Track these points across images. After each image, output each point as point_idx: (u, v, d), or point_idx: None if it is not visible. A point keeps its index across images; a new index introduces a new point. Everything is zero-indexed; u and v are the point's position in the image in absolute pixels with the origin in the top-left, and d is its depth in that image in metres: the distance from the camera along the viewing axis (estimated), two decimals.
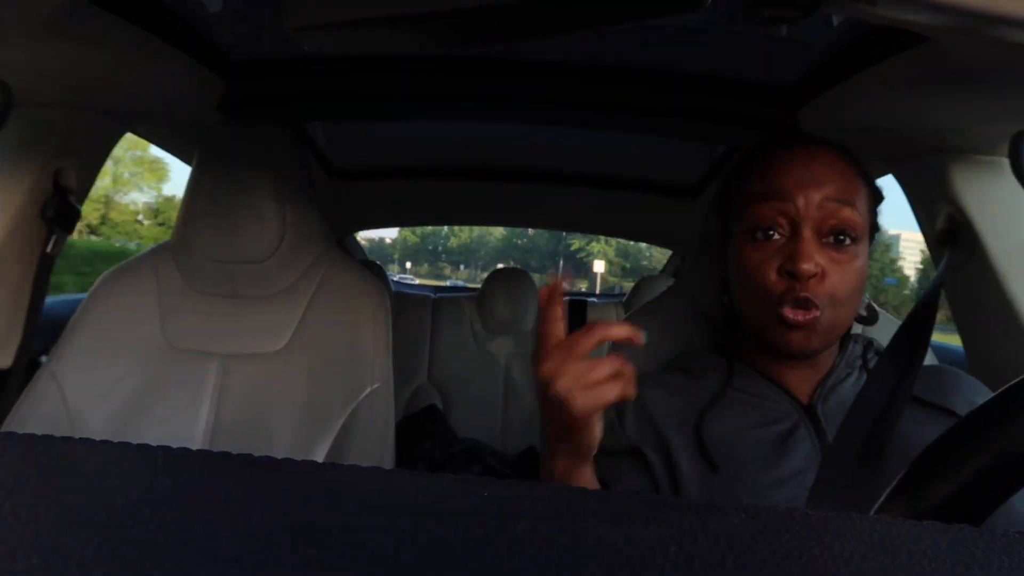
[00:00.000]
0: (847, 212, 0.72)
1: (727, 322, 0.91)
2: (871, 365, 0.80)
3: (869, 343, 0.83)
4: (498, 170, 2.09)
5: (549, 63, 1.24)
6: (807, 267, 0.69)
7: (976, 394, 0.77)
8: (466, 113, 1.37)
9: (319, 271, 1.17)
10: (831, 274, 0.71)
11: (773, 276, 0.73)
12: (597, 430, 0.59)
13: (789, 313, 0.71)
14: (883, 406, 0.70)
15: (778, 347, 0.74)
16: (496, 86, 1.25)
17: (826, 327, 0.72)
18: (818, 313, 0.71)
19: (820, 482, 0.66)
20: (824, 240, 0.73)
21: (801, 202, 0.72)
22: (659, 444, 0.77)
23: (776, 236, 0.74)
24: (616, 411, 0.82)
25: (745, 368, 0.82)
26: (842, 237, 0.72)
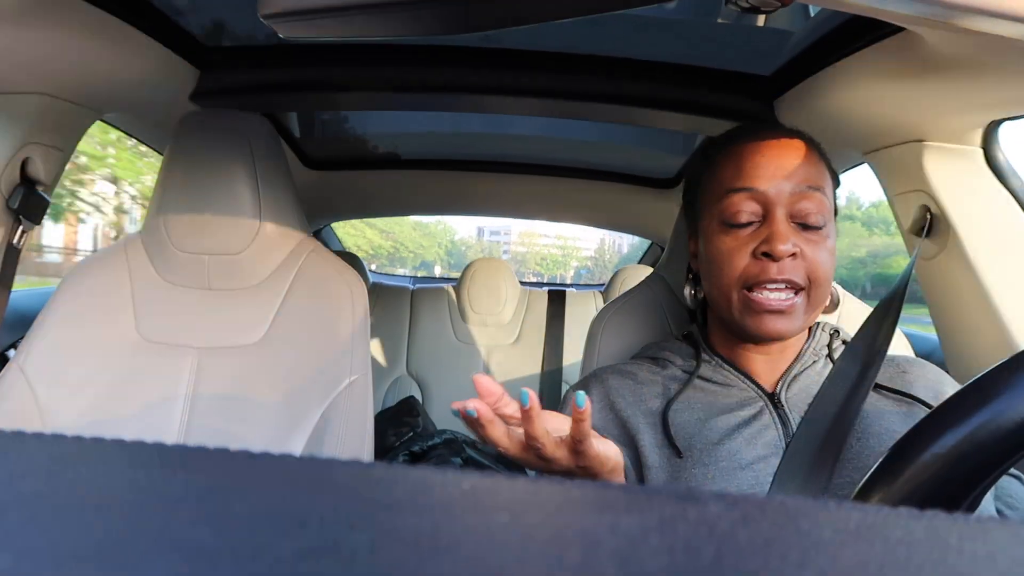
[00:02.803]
0: (817, 197, 0.74)
1: (694, 312, 0.92)
2: (836, 355, 0.81)
3: (835, 332, 0.84)
4: (475, 160, 2.08)
5: (526, 53, 1.24)
6: (784, 248, 0.70)
7: (941, 384, 0.78)
8: (443, 103, 1.37)
9: (296, 262, 1.16)
10: (807, 254, 0.72)
11: (747, 260, 0.73)
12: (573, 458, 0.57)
13: (766, 303, 0.71)
14: (847, 396, 0.72)
15: (756, 333, 0.74)
16: (472, 76, 1.25)
17: (804, 309, 0.73)
18: (796, 300, 0.72)
19: (783, 469, 0.67)
20: (795, 223, 0.74)
21: (772, 191, 0.73)
22: (624, 434, 0.78)
23: (749, 223, 0.74)
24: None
25: (712, 356, 0.83)
26: (813, 220, 0.74)
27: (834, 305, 0.83)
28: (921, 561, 0.17)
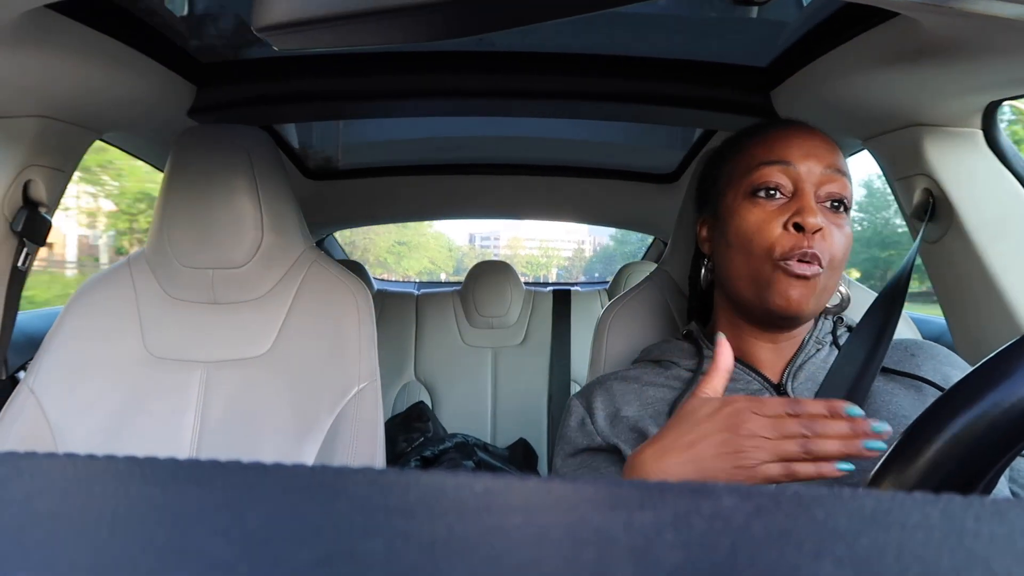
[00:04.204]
0: (843, 181, 0.75)
1: (696, 303, 0.92)
2: (842, 341, 0.80)
3: (839, 319, 0.84)
4: (476, 163, 2.09)
5: (520, 55, 1.24)
6: (815, 220, 0.71)
7: (948, 366, 0.77)
8: (441, 108, 1.37)
9: (299, 273, 1.16)
10: (830, 234, 0.73)
11: (778, 231, 0.73)
12: None
13: (796, 268, 0.71)
14: (854, 381, 0.71)
15: (776, 305, 0.73)
16: (469, 80, 1.25)
17: (821, 289, 0.73)
18: (821, 270, 0.72)
19: None
20: (821, 204, 0.74)
21: (804, 169, 0.74)
22: (635, 439, 0.77)
23: (778, 196, 0.75)
24: (587, 409, 0.82)
25: (713, 350, 0.82)
26: (836, 204, 0.75)
27: (843, 306, 0.83)
28: (938, 545, 0.17)
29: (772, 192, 0.75)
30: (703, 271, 0.87)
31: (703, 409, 0.59)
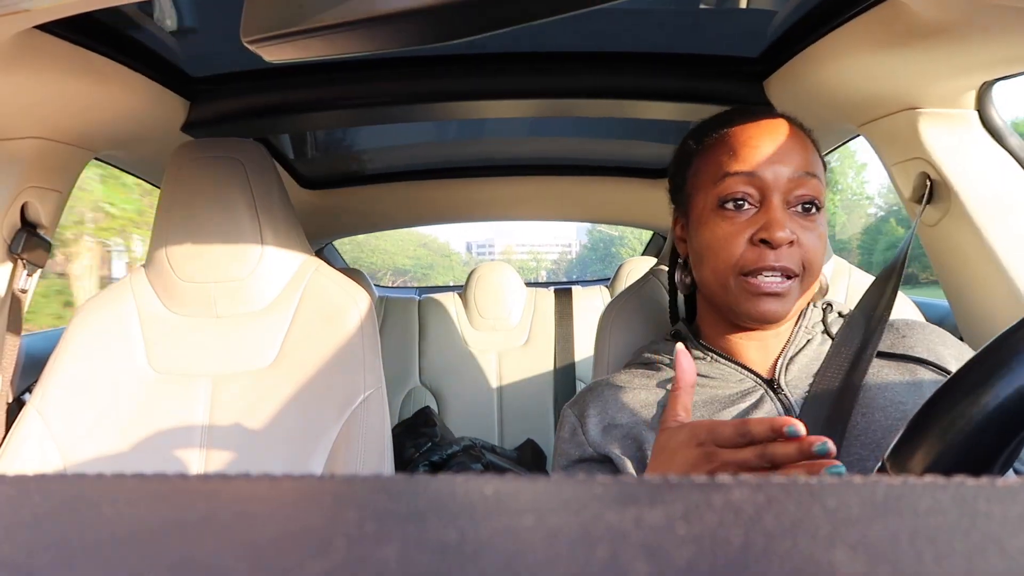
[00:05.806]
0: (813, 183, 0.73)
1: (677, 305, 0.91)
2: (833, 329, 0.80)
3: (828, 306, 0.83)
4: (470, 167, 2.08)
5: (512, 56, 1.24)
6: (782, 235, 0.70)
7: (941, 345, 0.77)
8: (434, 113, 1.37)
9: (301, 283, 1.16)
10: (802, 241, 0.72)
11: (743, 246, 0.72)
12: None
13: (763, 286, 0.71)
14: (849, 368, 0.71)
15: (751, 315, 0.73)
16: (460, 83, 1.25)
17: (798, 293, 0.73)
18: (791, 283, 0.71)
19: None
20: (792, 209, 0.73)
21: (770, 176, 0.72)
22: (630, 446, 0.76)
23: (746, 207, 0.73)
24: (578, 418, 0.81)
25: (704, 352, 0.81)
26: (808, 206, 0.73)
27: (822, 294, 0.83)
28: (951, 529, 0.17)
29: (740, 203, 0.73)
30: (679, 275, 0.86)
31: (672, 443, 0.58)
